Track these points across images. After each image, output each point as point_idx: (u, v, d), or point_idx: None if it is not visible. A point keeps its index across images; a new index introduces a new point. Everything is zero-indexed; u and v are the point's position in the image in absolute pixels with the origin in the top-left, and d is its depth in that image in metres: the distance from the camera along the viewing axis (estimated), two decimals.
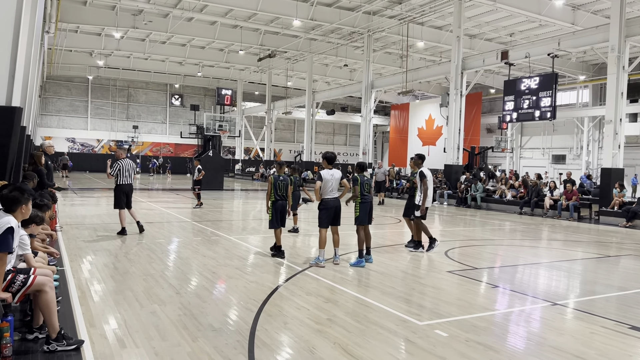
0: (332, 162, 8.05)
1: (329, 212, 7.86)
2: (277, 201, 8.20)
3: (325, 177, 7.84)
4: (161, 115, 47.94)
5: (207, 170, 25.29)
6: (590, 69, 32.36)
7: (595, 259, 9.63)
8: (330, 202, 7.86)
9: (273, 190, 8.19)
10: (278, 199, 8.21)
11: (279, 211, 8.22)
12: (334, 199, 7.89)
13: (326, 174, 7.87)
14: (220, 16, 27.49)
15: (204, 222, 12.88)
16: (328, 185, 7.84)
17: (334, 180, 7.89)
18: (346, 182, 8.39)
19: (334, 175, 7.92)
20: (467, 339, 4.74)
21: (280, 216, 8.24)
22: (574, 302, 6.28)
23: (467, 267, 8.19)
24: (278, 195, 8.21)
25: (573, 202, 16.79)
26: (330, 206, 7.86)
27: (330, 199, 7.87)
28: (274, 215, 8.19)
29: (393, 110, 41.60)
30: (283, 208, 8.28)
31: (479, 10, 24.53)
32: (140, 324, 4.80)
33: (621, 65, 16.46)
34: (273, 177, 8.27)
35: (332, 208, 7.88)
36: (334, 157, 8.15)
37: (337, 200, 7.94)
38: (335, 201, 7.91)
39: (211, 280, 6.69)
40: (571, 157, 36.00)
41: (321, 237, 7.83)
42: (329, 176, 7.88)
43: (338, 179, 7.95)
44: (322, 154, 8.44)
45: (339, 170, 8.25)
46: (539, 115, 19.66)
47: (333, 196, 7.89)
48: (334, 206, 7.89)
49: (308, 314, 5.30)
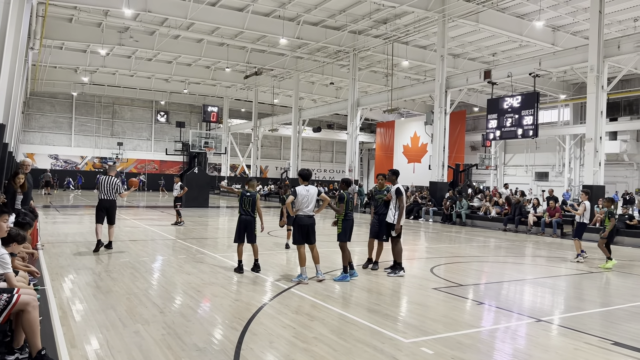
0: (307, 178, 8.06)
1: (302, 229, 7.86)
2: (240, 216, 8.40)
3: (300, 192, 7.83)
4: (146, 132, 47.69)
5: (193, 187, 25.25)
6: (570, 88, 33.11)
7: (578, 275, 9.73)
8: (303, 219, 7.85)
9: (239, 204, 8.43)
10: (242, 214, 8.38)
11: (241, 226, 8.39)
12: (308, 217, 7.87)
13: (301, 190, 7.86)
14: (206, 34, 27.64)
15: (189, 239, 12.77)
16: (303, 201, 7.83)
17: (309, 196, 7.87)
18: (325, 196, 8.29)
19: (309, 191, 7.91)
20: (452, 356, 4.74)
21: (242, 232, 8.40)
22: (558, 319, 6.32)
23: (452, 284, 8.22)
24: (242, 210, 8.38)
25: (556, 219, 17.01)
26: (304, 223, 7.85)
27: (303, 215, 7.85)
28: (236, 229, 8.46)
29: (379, 128, 42.00)
30: (247, 223, 8.37)
31: (462, 30, 25.06)
32: (123, 344, 4.72)
33: (600, 85, 16.88)
34: (241, 192, 8.48)
35: (306, 225, 7.86)
36: (309, 174, 8.17)
37: (311, 218, 7.92)
38: (310, 219, 7.89)
39: (196, 299, 6.61)
40: (554, 174, 36.55)
41: (300, 254, 7.87)
42: (304, 192, 7.87)
43: (314, 194, 7.94)
44: (298, 171, 8.44)
45: (316, 187, 8.30)
46: (522, 133, 19.99)
47: (307, 213, 7.86)
48: (307, 223, 7.87)
49: (294, 333, 5.26)
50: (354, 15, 24.55)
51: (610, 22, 22.10)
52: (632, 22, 22.42)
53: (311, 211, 7.92)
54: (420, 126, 36.41)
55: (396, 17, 24.09)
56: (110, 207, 10.18)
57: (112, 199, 10.16)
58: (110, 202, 10.17)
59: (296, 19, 25.44)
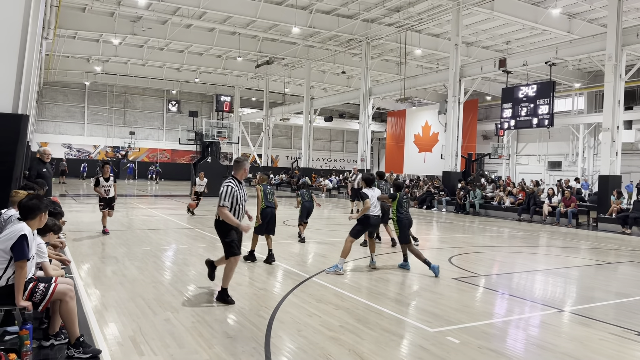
0: (370, 184, 8.30)
1: (370, 227, 8.23)
2: (266, 208, 8.58)
3: (370, 195, 8.04)
4: (158, 121, 47.91)
5: (207, 177, 25.39)
6: (585, 77, 32.66)
7: (595, 266, 9.72)
8: (373, 219, 8.07)
9: (263, 197, 8.57)
10: (267, 206, 8.59)
11: (267, 218, 8.58)
12: (375, 217, 8.09)
13: (369, 192, 8.10)
14: (218, 23, 27.60)
15: (206, 229, 12.89)
16: (373, 202, 8.05)
17: (374, 198, 8.20)
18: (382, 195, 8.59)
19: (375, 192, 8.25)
20: (479, 345, 4.79)
21: (266, 224, 8.60)
22: (579, 309, 6.34)
23: (471, 274, 8.26)
24: (268, 203, 8.59)
25: (571, 209, 16.93)
26: (374, 223, 8.16)
27: (373, 216, 8.04)
28: (261, 221, 8.60)
29: (390, 117, 41.79)
30: (273, 215, 8.64)
31: (476, 18, 24.77)
32: (155, 331, 4.83)
33: (618, 74, 16.67)
34: (262, 186, 8.65)
35: (374, 225, 8.28)
36: (372, 179, 8.46)
37: (378, 218, 8.26)
38: (378, 219, 8.26)
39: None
40: (567, 163, 36.23)
41: (346, 248, 7.95)
42: (372, 194, 8.12)
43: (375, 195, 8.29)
44: (363, 176, 8.68)
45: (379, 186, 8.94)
46: (537, 122, 19.83)
47: (374, 213, 8.07)
48: (375, 223, 8.25)
49: (320, 321, 5.34)
50: (367, 4, 24.37)
51: (628, 9, 21.71)
52: None
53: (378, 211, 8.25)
54: (431, 115, 36.19)
55: (409, 5, 23.88)
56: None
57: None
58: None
59: (308, 8, 25.31)
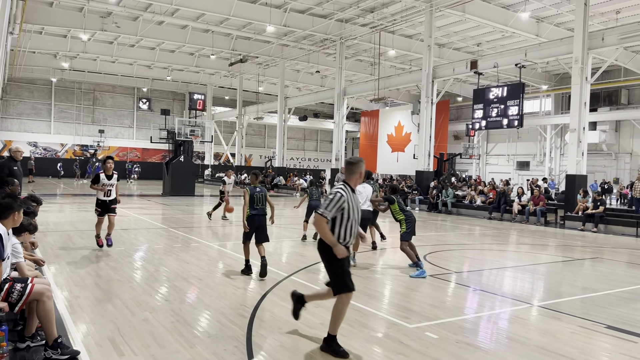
0: (367, 176, 8.69)
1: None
2: (253, 215, 7.25)
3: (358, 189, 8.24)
4: (128, 119, 47.00)
5: (179, 176, 25.12)
6: (552, 79, 33.65)
7: (563, 262, 10.05)
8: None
9: (249, 203, 7.24)
10: (255, 213, 7.25)
11: (254, 225, 7.26)
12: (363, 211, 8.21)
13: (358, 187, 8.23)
14: (191, 20, 27.26)
15: (181, 228, 12.75)
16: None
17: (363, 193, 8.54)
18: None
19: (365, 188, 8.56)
20: (456, 340, 4.91)
21: (254, 231, 7.31)
22: (549, 304, 6.54)
23: (445, 271, 8.42)
24: (255, 209, 7.26)
25: (540, 208, 17.42)
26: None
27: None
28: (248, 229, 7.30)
29: (363, 117, 42.08)
30: (261, 222, 7.32)
31: (449, 20, 25.20)
32: (135, 331, 4.77)
33: (584, 77, 17.23)
34: (248, 189, 7.32)
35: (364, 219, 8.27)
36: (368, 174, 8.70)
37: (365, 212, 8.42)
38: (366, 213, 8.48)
39: (199, 287, 6.66)
40: (535, 163, 37.23)
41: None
42: (360, 188, 8.44)
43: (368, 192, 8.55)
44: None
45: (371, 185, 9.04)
46: (507, 123, 20.33)
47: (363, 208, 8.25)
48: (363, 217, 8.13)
49: (301, 319, 5.35)
50: (341, 4, 24.49)
51: (593, 14, 22.45)
52: (614, 15, 22.85)
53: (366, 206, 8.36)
54: (404, 115, 36.63)
55: (383, 6, 24.11)
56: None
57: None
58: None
59: (283, 6, 25.28)
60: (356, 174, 4.65)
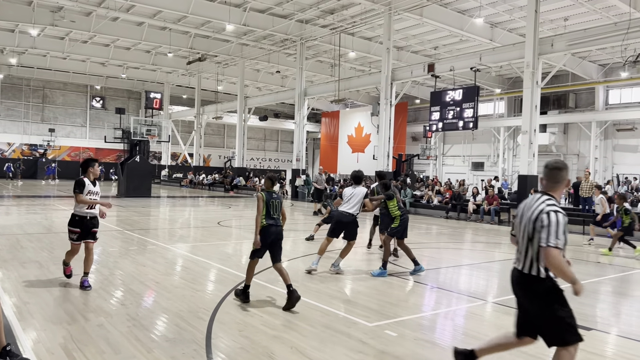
0: (358, 181, 8.35)
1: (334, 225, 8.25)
2: (270, 226, 6.02)
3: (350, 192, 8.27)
4: (81, 118, 45.36)
5: (135, 177, 24.43)
6: (505, 83, 34.84)
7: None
8: (344, 216, 8.17)
9: (265, 210, 6.03)
10: (271, 224, 6.03)
11: (269, 239, 6.03)
12: (346, 214, 8.17)
13: (348, 189, 8.30)
14: (148, 17, 26.62)
15: (137, 230, 12.42)
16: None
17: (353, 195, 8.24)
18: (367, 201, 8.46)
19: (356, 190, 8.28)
20: (415, 337, 5.01)
21: (267, 247, 6.08)
22: (502, 300, 6.77)
23: (404, 269, 8.57)
24: (271, 218, 6.05)
25: (494, 207, 18.00)
26: (342, 220, 8.17)
27: (345, 213, 8.19)
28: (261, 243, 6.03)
29: (324, 118, 42.30)
30: (278, 235, 6.11)
31: (407, 23, 25.66)
32: (89, 337, 4.61)
33: (535, 81, 17.93)
34: (264, 194, 6.10)
35: (344, 222, 8.17)
36: (359, 177, 8.43)
37: (349, 216, 8.15)
38: (348, 217, 8.15)
39: (156, 291, 6.51)
40: (489, 164, 38.42)
41: (323, 246, 8.18)
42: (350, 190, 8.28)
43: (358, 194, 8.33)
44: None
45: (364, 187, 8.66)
46: (462, 125, 20.89)
47: (348, 211, 8.16)
48: (345, 221, 8.16)
49: (262, 321, 5.34)
50: (302, 4, 24.51)
51: (543, 20, 23.40)
52: (563, 22, 23.88)
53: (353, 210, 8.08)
54: (364, 117, 37.07)
55: (343, 8, 24.30)
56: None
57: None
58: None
59: (242, 5, 25.06)
60: (563, 183, 3.58)
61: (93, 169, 6.55)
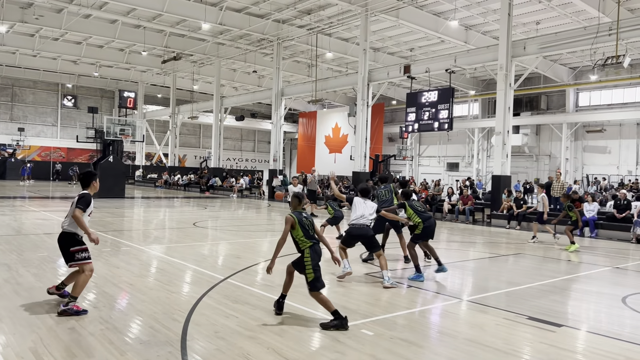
0: (366, 194, 8.03)
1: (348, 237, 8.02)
2: (313, 245, 5.54)
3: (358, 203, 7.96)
4: (51, 117, 44.28)
5: (108, 177, 23.95)
6: (479, 84, 35.44)
7: (489, 258, 10.60)
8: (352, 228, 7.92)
9: (301, 231, 5.49)
10: (314, 242, 5.56)
11: (318, 259, 5.58)
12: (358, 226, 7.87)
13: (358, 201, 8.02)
14: (121, 15, 26.16)
15: (110, 232, 12.18)
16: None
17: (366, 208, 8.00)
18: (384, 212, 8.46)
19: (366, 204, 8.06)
20: (391, 336, 5.04)
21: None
22: (477, 298, 6.89)
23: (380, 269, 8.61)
24: (310, 237, 5.55)
25: (468, 207, 18.26)
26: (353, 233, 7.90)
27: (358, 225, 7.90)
28: (316, 269, 5.51)
29: (301, 118, 42.25)
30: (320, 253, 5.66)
31: (383, 25, 25.86)
32: (60, 341, 4.50)
33: (508, 83, 18.27)
34: (294, 216, 5.51)
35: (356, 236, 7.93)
36: (367, 190, 8.17)
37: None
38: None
39: (130, 293, 6.41)
40: (463, 164, 39.01)
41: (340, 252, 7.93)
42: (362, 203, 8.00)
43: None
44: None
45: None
46: (438, 126, 21.13)
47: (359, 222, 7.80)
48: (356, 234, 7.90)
49: (237, 322, 5.30)
50: (278, 4, 24.45)
51: (516, 24, 23.88)
52: (535, 25, 24.41)
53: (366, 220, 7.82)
54: (341, 117, 37.16)
55: (320, 9, 24.34)
56: None
57: None
58: None
59: (219, 4, 24.87)
60: None
61: (96, 183, 5.97)
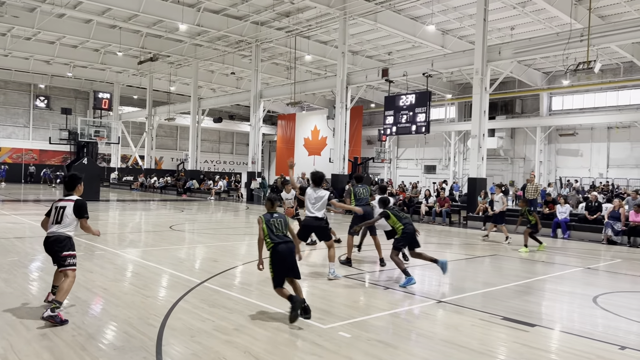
0: (318, 183, 8.20)
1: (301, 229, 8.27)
2: (277, 245, 5.63)
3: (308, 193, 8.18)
4: (23, 118, 43.25)
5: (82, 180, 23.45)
6: (456, 88, 35.93)
7: (466, 260, 10.74)
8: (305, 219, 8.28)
9: (266, 231, 5.67)
10: (278, 242, 5.65)
11: (284, 260, 5.69)
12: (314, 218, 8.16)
13: (308, 191, 8.23)
14: (96, 15, 25.73)
15: (84, 235, 11.87)
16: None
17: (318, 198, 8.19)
18: (334, 202, 8.63)
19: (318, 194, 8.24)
20: (368, 338, 5.06)
21: (286, 269, 5.72)
22: (453, 299, 6.96)
23: (358, 271, 8.66)
24: (276, 237, 5.66)
25: (445, 209, 18.48)
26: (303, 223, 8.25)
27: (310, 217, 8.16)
28: (275, 268, 5.69)
29: (280, 120, 42.20)
30: (290, 253, 5.72)
31: (361, 28, 26.02)
32: (31, 348, 4.39)
33: (484, 87, 18.58)
34: (262, 217, 5.74)
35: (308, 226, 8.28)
36: (318, 178, 8.27)
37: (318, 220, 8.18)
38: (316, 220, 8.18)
39: (104, 297, 6.29)
40: (440, 167, 39.47)
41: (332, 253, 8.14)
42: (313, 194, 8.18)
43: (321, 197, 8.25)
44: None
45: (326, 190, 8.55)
46: (415, 129, 21.35)
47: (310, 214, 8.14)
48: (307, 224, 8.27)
49: (214, 325, 5.25)
50: (257, 6, 24.38)
51: (491, 29, 24.31)
52: (509, 30, 24.89)
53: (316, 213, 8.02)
54: (320, 120, 37.25)
55: (299, 11, 24.35)
56: None
57: None
58: None
59: (196, 5, 24.67)
60: None
61: (81, 186, 6.05)
